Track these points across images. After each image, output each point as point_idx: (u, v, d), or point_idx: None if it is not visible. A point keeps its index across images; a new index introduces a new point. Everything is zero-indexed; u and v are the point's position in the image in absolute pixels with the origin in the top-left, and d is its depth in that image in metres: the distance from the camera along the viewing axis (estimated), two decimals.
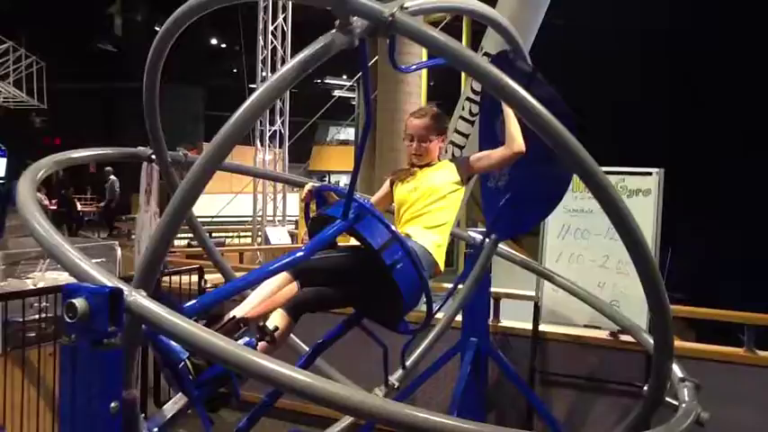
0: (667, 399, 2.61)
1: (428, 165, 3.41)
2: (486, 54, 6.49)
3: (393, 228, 3.02)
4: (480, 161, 3.41)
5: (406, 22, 1.99)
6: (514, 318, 5.33)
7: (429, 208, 3.26)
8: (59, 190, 19.32)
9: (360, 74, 3.50)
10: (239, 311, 2.73)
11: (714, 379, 4.60)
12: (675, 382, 2.75)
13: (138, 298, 1.83)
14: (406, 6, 2.06)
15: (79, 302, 1.77)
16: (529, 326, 5.01)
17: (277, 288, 2.85)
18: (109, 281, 1.86)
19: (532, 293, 4.99)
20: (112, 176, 18.95)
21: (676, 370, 2.81)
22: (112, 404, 1.81)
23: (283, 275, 2.87)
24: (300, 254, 2.84)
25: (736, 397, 4.51)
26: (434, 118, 3.43)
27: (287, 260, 2.80)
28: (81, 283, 1.89)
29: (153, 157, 3.87)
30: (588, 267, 4.78)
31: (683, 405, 2.56)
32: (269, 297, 2.83)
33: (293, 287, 2.88)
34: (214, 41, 28.71)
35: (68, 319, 1.78)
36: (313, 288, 2.93)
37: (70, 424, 1.82)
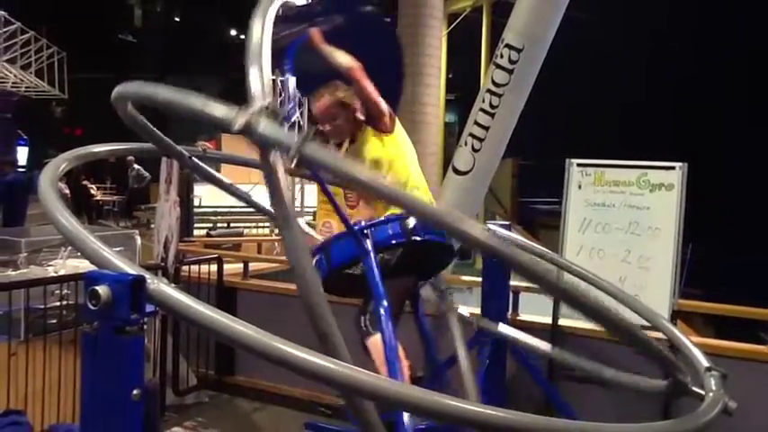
0: (694, 388, 2.58)
1: (352, 141, 3.40)
2: (507, 45, 6.45)
3: (395, 214, 3.08)
4: (364, 93, 3.36)
5: (313, 156, 1.90)
6: (534, 311, 5.29)
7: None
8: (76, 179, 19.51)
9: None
10: None
11: (736, 377, 4.54)
12: (702, 372, 2.71)
13: (160, 285, 1.83)
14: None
15: (102, 289, 1.77)
16: (548, 319, 4.97)
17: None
18: (131, 269, 1.87)
19: None
20: (136, 165, 19.06)
21: (702, 359, 2.78)
22: (134, 391, 1.81)
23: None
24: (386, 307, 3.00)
25: (759, 395, 4.45)
26: (330, 94, 3.39)
27: (386, 321, 2.99)
28: (103, 270, 1.90)
29: None
30: (609, 262, 4.73)
31: (710, 394, 2.53)
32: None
33: None
34: (233, 33, 28.79)
35: (91, 306, 1.79)
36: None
37: (91, 411, 1.83)
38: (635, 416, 2.91)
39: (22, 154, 19.12)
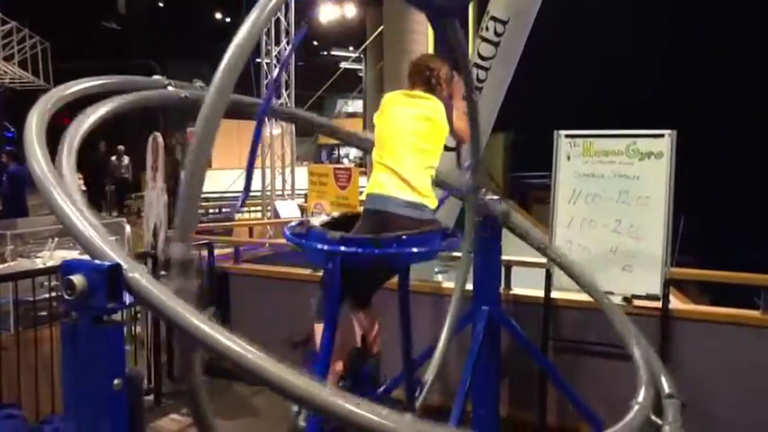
0: (652, 416, 2.47)
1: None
2: (492, 18, 6.38)
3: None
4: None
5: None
6: (526, 285, 5.28)
7: None
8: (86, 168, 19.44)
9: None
10: None
11: (731, 343, 4.56)
12: (662, 397, 2.61)
13: (136, 275, 1.77)
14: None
15: (77, 279, 1.73)
16: (541, 293, 4.95)
17: None
18: (105, 245, 1.80)
19: (544, 260, 4.93)
20: (126, 156, 18.98)
21: (665, 384, 2.69)
22: (115, 381, 1.78)
23: None
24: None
25: (754, 360, 4.46)
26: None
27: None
28: (79, 259, 1.85)
29: (170, 87, 3.64)
30: (600, 232, 4.70)
31: (666, 427, 2.44)
32: None
33: None
34: (218, 16, 28.48)
35: (67, 296, 1.75)
36: None
37: (73, 402, 1.80)
38: (628, 387, 2.90)
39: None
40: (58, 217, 1.93)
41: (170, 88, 3.51)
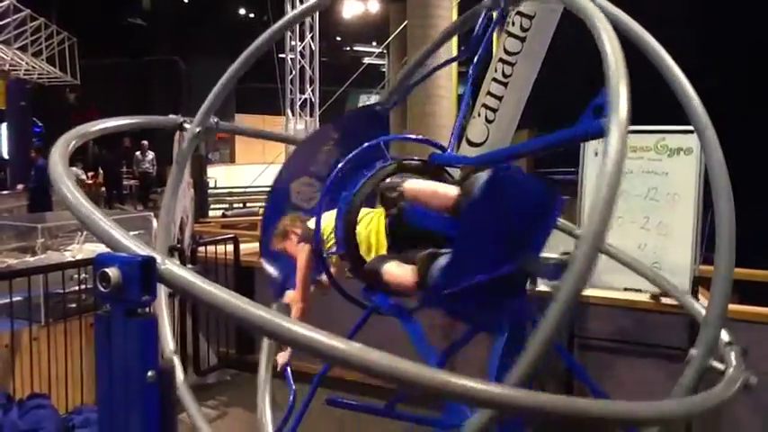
0: (713, 363, 2.52)
1: None
2: (518, 12, 6.32)
3: None
4: None
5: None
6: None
7: None
8: (101, 164, 19.80)
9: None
10: None
11: (761, 341, 4.49)
12: (722, 346, 2.65)
13: (170, 266, 1.80)
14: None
15: (112, 271, 1.75)
16: None
17: None
18: (138, 248, 1.85)
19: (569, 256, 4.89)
20: (150, 151, 19.18)
21: (723, 333, 2.72)
22: (149, 373, 1.80)
23: None
24: None
25: None
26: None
27: None
28: (113, 253, 1.88)
29: (185, 125, 3.79)
30: (628, 229, 4.66)
31: (730, 370, 2.46)
32: None
33: None
34: (243, 12, 28.63)
35: (102, 289, 1.77)
36: None
37: (107, 394, 1.82)
38: (655, 386, 2.88)
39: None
40: (91, 232, 2.05)
41: (186, 125, 3.68)
